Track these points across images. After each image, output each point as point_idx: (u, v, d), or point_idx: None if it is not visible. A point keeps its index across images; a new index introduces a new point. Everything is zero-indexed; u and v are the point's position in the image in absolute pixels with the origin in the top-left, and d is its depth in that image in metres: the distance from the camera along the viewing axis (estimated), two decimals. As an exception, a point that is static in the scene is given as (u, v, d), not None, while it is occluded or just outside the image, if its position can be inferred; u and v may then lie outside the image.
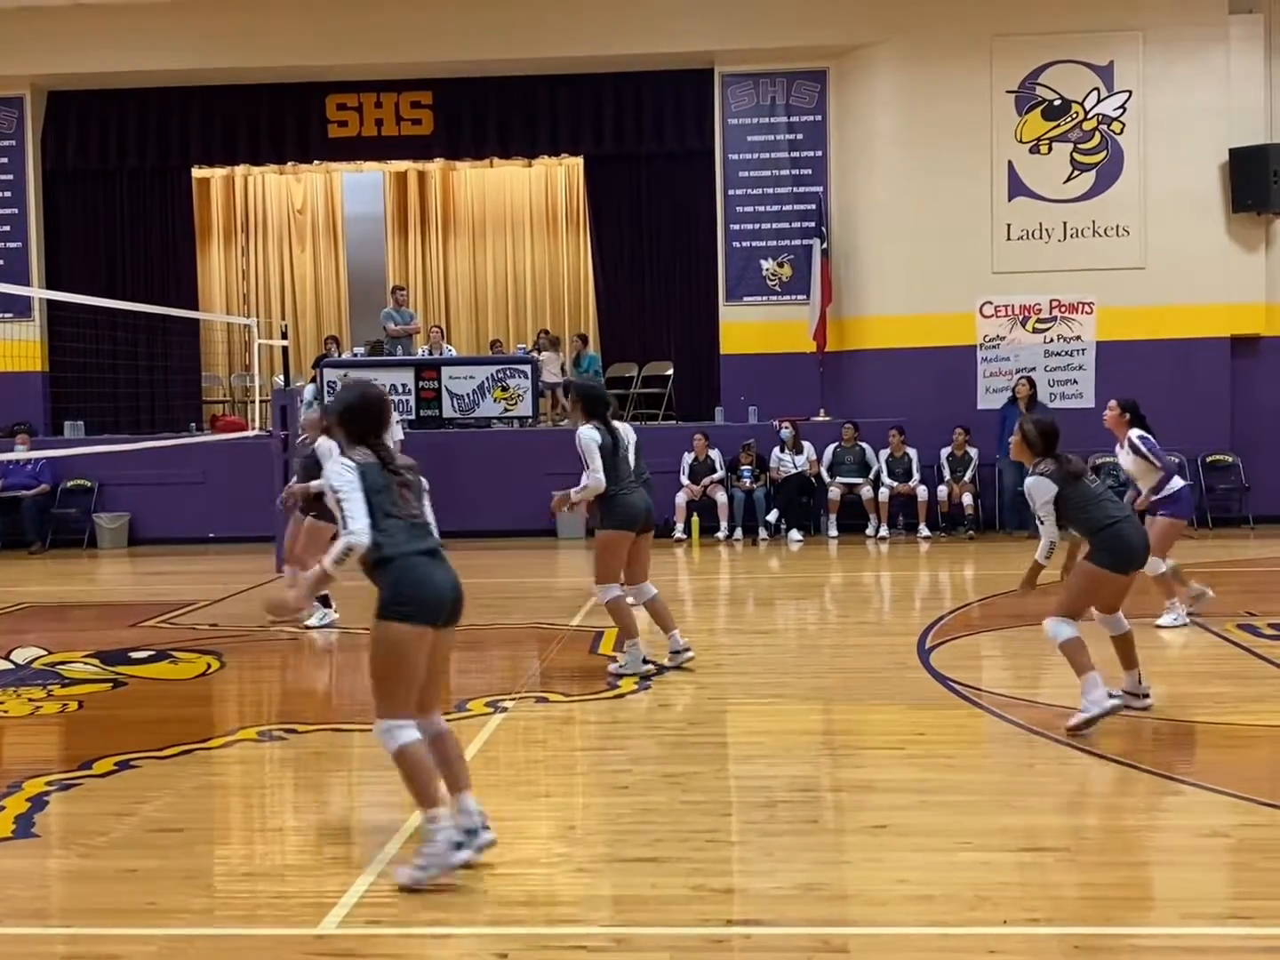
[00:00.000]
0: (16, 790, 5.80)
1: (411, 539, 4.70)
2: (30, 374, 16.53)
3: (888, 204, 15.91)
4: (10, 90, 16.80)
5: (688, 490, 15.20)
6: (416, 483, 4.87)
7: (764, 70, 16.28)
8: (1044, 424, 6.67)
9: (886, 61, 15.87)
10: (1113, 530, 6.45)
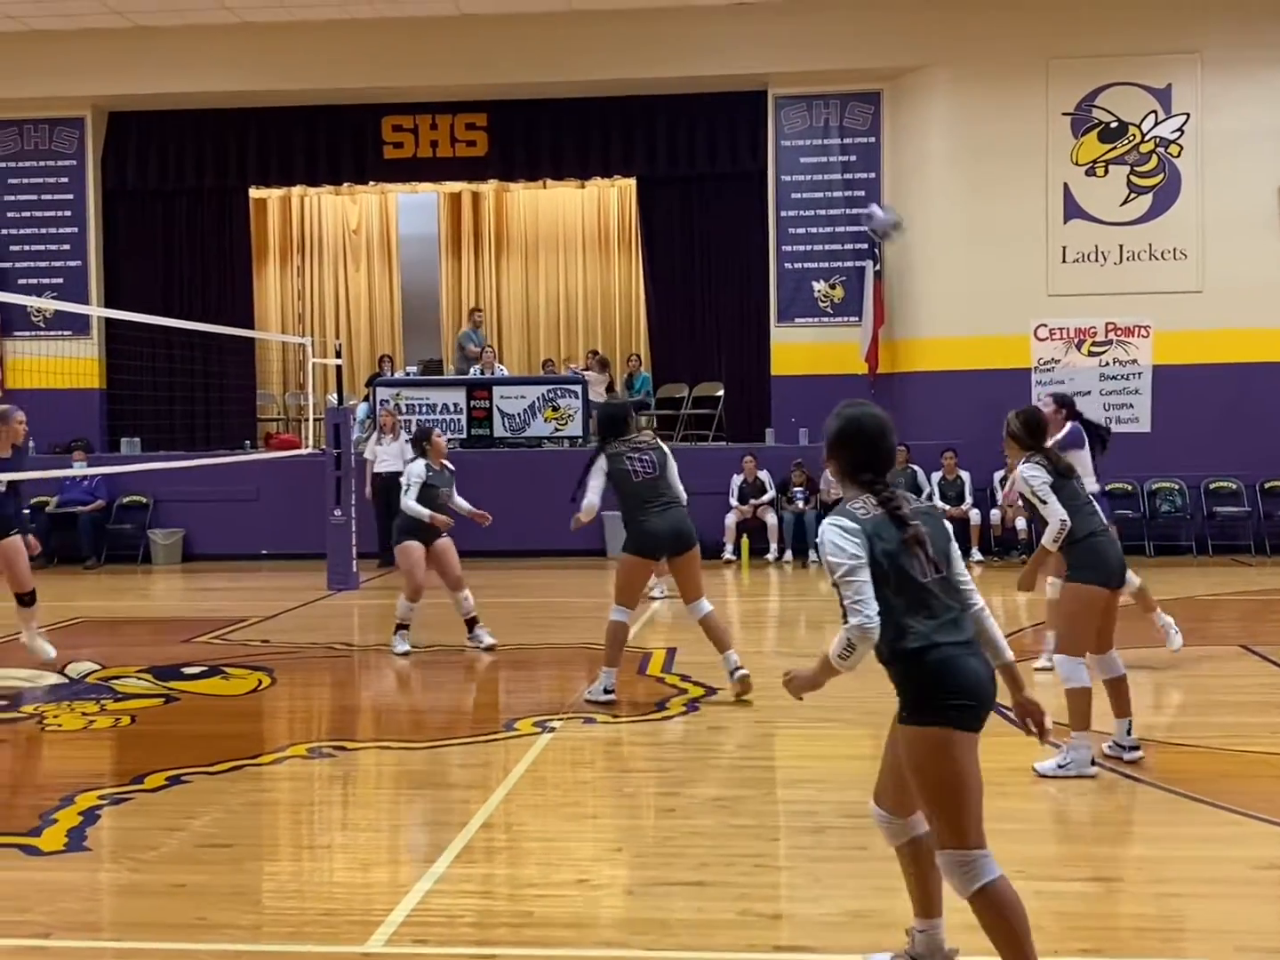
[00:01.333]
0: (69, 804, 5.84)
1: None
2: (89, 391, 16.75)
3: (942, 226, 15.85)
4: (71, 111, 17.07)
5: (737, 511, 15.17)
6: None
7: (817, 92, 16.28)
8: (1028, 414, 6.43)
9: (941, 83, 15.84)
10: (1090, 542, 6.17)
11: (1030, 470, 6.26)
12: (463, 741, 7.00)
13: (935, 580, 3.75)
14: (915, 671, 3.74)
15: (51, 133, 17.20)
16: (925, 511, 3.86)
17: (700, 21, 15.89)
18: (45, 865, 5.13)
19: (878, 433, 3.92)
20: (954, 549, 3.86)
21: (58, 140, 17.21)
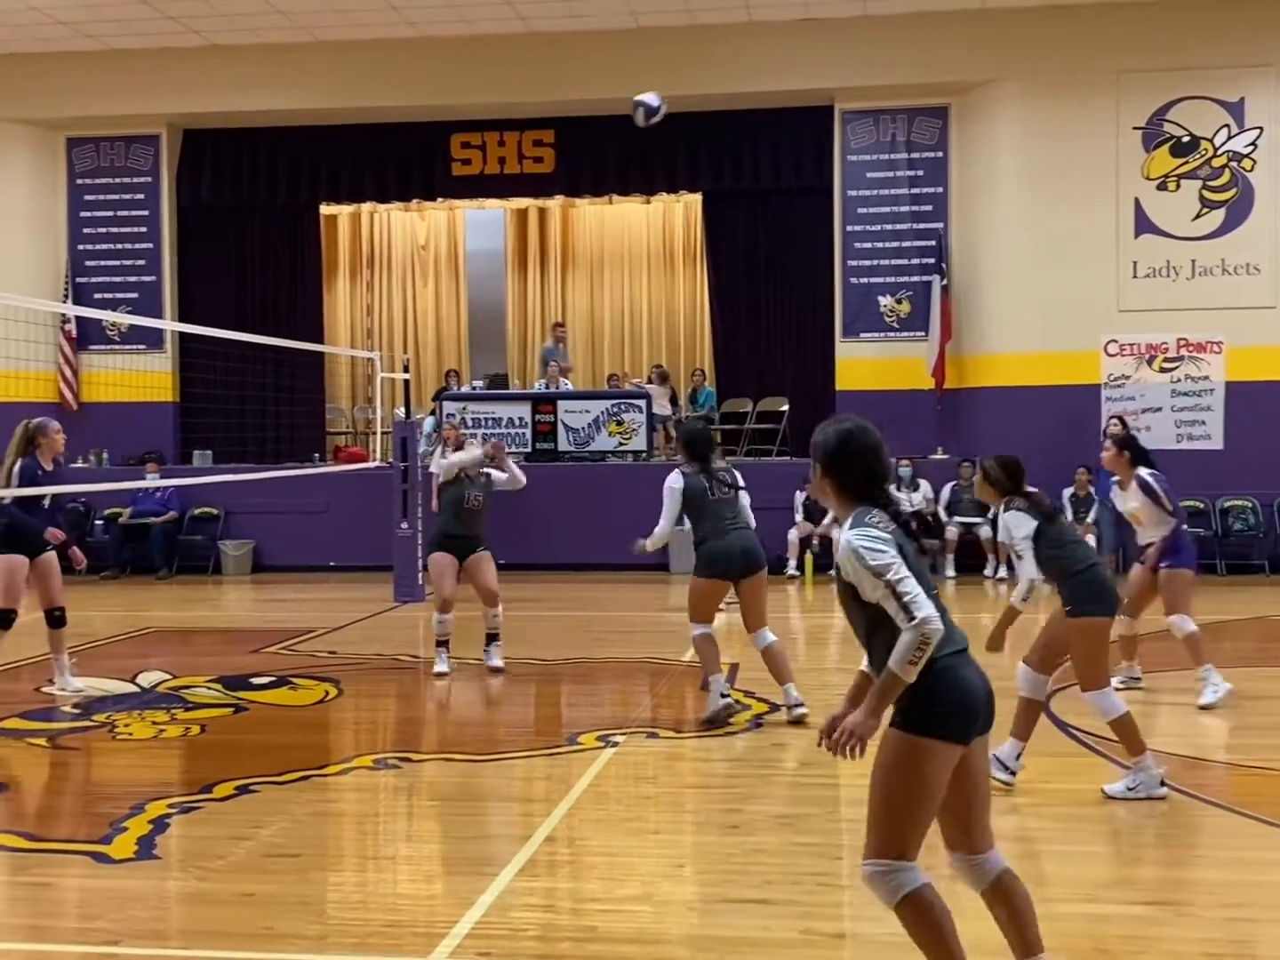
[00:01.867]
0: (139, 812, 5.93)
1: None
2: (162, 404, 17.03)
3: (1010, 241, 15.74)
4: (147, 128, 17.38)
5: (800, 527, 15.12)
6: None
7: (884, 107, 16.23)
8: (1006, 459, 6.32)
9: (1010, 98, 15.74)
10: (1091, 574, 6.10)
11: (1015, 519, 6.17)
12: (526, 755, 7.02)
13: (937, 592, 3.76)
14: (917, 678, 3.63)
15: (128, 150, 17.51)
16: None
17: (767, 37, 15.90)
18: (115, 873, 5.20)
19: (880, 443, 3.93)
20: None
21: (134, 157, 17.52)
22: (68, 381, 17.16)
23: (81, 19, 15.56)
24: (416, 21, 15.76)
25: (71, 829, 5.91)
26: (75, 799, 6.54)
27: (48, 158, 17.49)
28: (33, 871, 5.23)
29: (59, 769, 7.10)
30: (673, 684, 8.90)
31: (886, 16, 15.62)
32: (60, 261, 17.54)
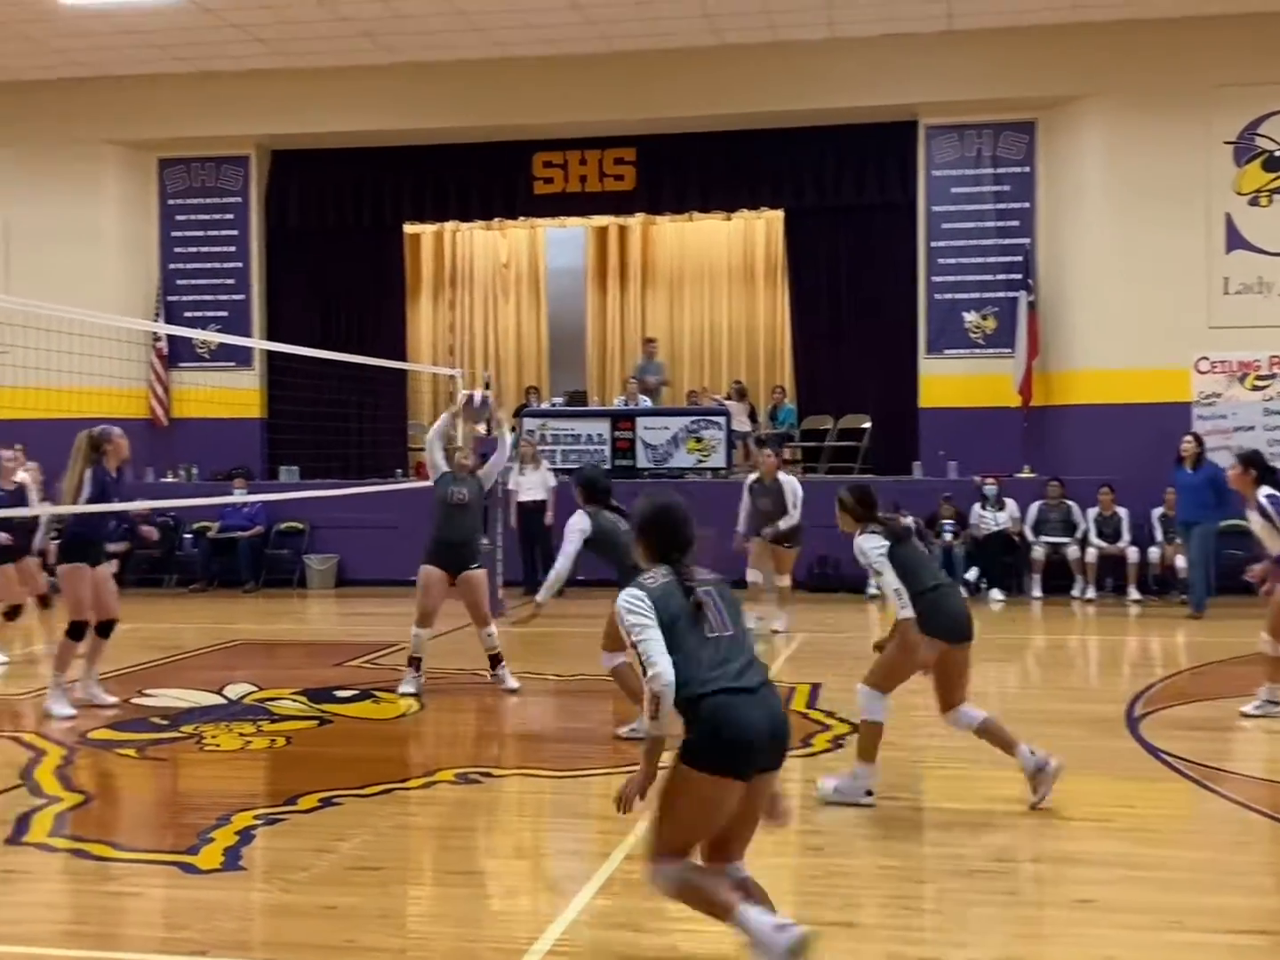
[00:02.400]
0: (226, 823, 5.99)
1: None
2: (250, 420, 17.28)
3: (1098, 256, 15.54)
4: (237, 150, 17.68)
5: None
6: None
7: (970, 122, 16.10)
8: (859, 489, 6.43)
9: (1098, 113, 15.55)
10: (933, 595, 6.19)
11: (869, 541, 6.28)
12: (606, 771, 7.00)
13: (725, 636, 4.21)
14: (694, 716, 4.09)
15: (218, 171, 17.83)
16: (714, 582, 4.37)
17: (850, 53, 15.85)
18: (202, 883, 5.26)
19: (683, 520, 4.41)
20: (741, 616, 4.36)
21: (223, 178, 17.83)
22: (159, 398, 17.48)
23: (172, 42, 15.88)
24: (501, 42, 15.89)
25: (159, 839, 5.98)
26: (163, 809, 6.62)
27: (140, 179, 17.84)
28: (122, 881, 5.30)
29: (147, 779, 7.20)
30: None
31: (971, 31, 15.51)
32: (152, 281, 17.88)
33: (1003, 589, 14.67)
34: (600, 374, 20.33)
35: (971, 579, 14.74)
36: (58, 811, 6.26)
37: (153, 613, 14.16)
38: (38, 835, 5.88)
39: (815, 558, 15.43)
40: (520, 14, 14.92)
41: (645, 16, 15.05)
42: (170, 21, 15.17)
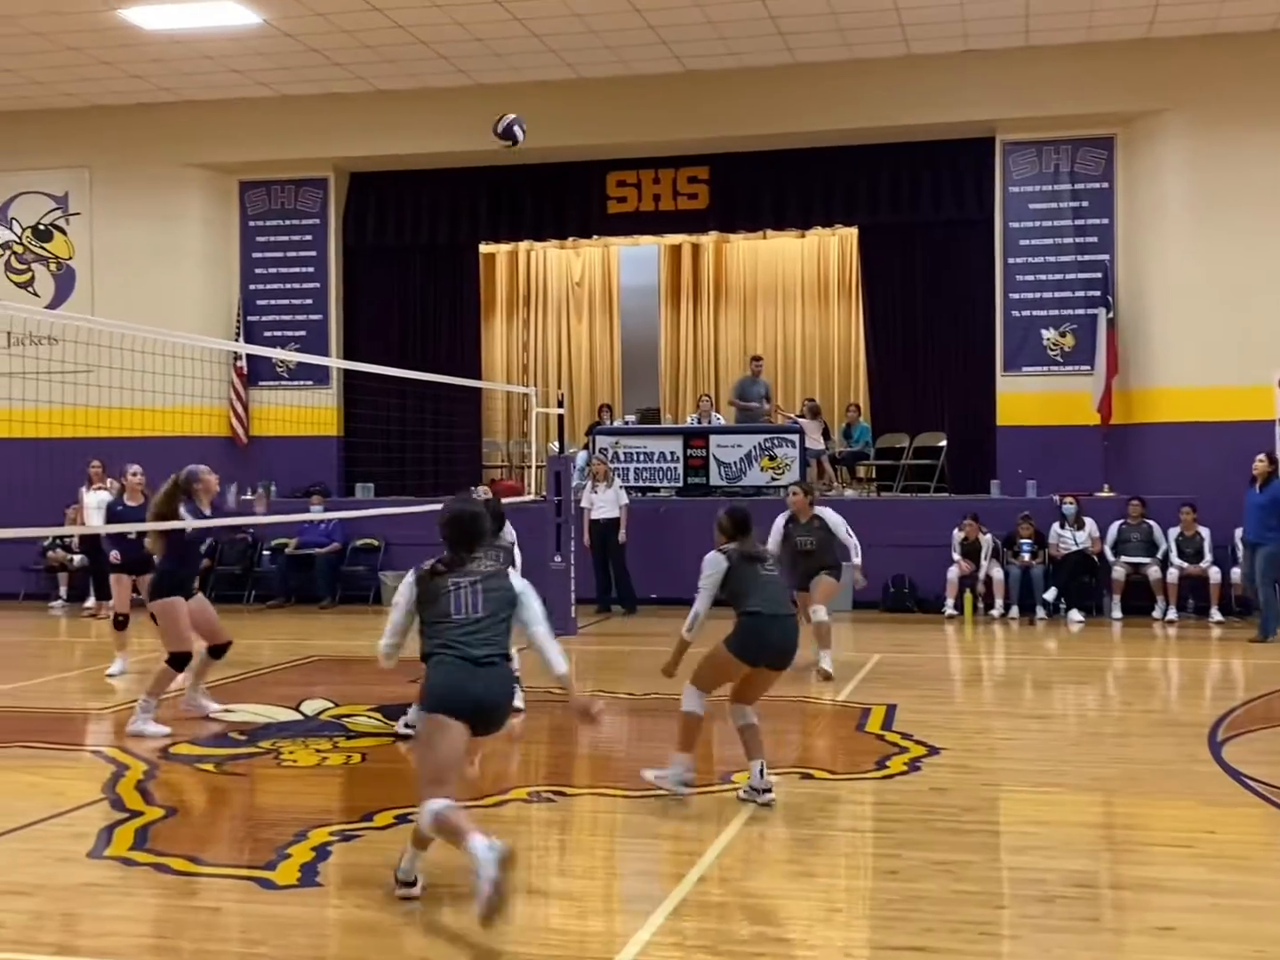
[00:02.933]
0: (303, 839, 6.04)
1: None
2: (327, 438, 17.48)
3: (1179, 272, 15.32)
4: (316, 172, 17.93)
5: (959, 565, 14.85)
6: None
7: (1048, 138, 15.95)
8: (735, 511, 6.87)
9: (1179, 127, 15.34)
10: (750, 620, 6.57)
11: (710, 558, 6.73)
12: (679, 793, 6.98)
13: (470, 617, 5.31)
14: (429, 670, 5.29)
15: (297, 193, 18.09)
16: (492, 574, 5.47)
17: (926, 69, 15.77)
18: (279, 899, 5.30)
19: (470, 522, 5.53)
20: (522, 601, 5.52)
21: (303, 200, 18.09)
22: (238, 416, 17.74)
23: (252, 67, 16.14)
24: (574, 63, 16.00)
25: (238, 854, 6.04)
26: (241, 824, 6.70)
27: (221, 200, 18.14)
28: (201, 895, 5.36)
29: (226, 794, 7.28)
30: (827, 724, 8.78)
31: (1049, 47, 15.38)
32: (232, 300, 18.17)
33: (1082, 610, 14.47)
34: (673, 392, 20.35)
35: (1050, 599, 14.55)
36: (139, 825, 6.35)
37: (231, 628, 14.22)
38: (120, 849, 5.97)
39: (891, 578, 15.34)
40: (594, 35, 15.01)
41: (718, 36, 15.08)
42: (250, 47, 15.43)
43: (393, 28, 14.76)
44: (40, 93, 17.05)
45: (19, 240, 18.34)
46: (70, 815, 6.64)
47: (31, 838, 6.21)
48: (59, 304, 17.99)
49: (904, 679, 10.66)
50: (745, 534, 6.77)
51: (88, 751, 8.22)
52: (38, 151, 17.96)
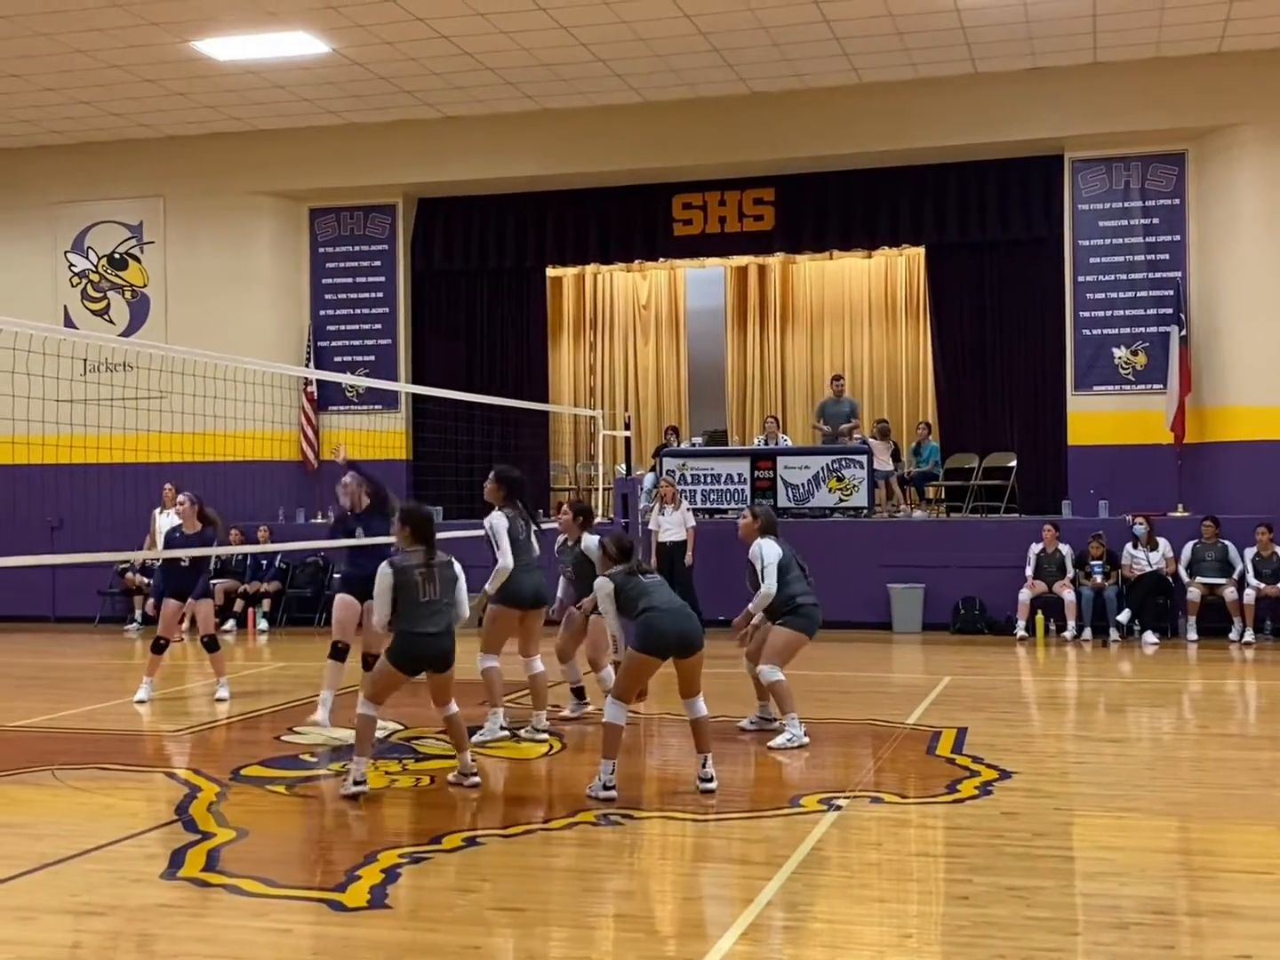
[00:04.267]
0: (373, 861, 6.07)
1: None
2: (396, 462, 17.61)
3: (1253, 289, 15.10)
4: (384, 198, 18.15)
5: (1033, 586, 14.69)
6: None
7: (1117, 154, 15.82)
8: (620, 539, 7.80)
9: (1251, 142, 15.15)
10: (644, 617, 7.34)
11: (598, 584, 7.61)
12: (748, 815, 6.95)
13: (433, 600, 7.53)
14: (398, 639, 7.39)
15: (366, 219, 18.31)
16: (445, 563, 7.69)
17: (993, 88, 15.70)
18: (349, 920, 5.33)
19: (425, 519, 7.76)
20: (459, 586, 7.80)
21: (371, 226, 18.30)
22: (309, 441, 17.94)
23: (322, 95, 16.38)
24: (639, 87, 16.08)
25: (308, 876, 6.09)
26: (312, 846, 6.74)
27: (292, 227, 18.41)
28: (272, 916, 5.40)
29: (296, 816, 7.34)
30: (897, 748, 8.70)
31: (1117, 63, 15.25)
32: (303, 326, 18.40)
33: (1156, 631, 14.26)
34: (740, 413, 20.32)
35: (1123, 620, 14.35)
36: (211, 847, 6.41)
37: (303, 651, 14.50)
38: (192, 870, 6.03)
39: (961, 599, 15.21)
40: (660, 59, 15.08)
41: (783, 58, 15.09)
42: (320, 76, 15.66)
43: (459, 54, 14.92)
44: (117, 124, 17.40)
45: (95, 269, 18.70)
46: (143, 837, 6.73)
47: (105, 859, 6.29)
48: (133, 331, 18.30)
49: (975, 702, 10.55)
50: (628, 558, 7.61)
51: (160, 773, 8.32)
52: (113, 181, 18.33)
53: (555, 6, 13.53)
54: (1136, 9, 13.80)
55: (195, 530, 10.93)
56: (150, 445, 12.36)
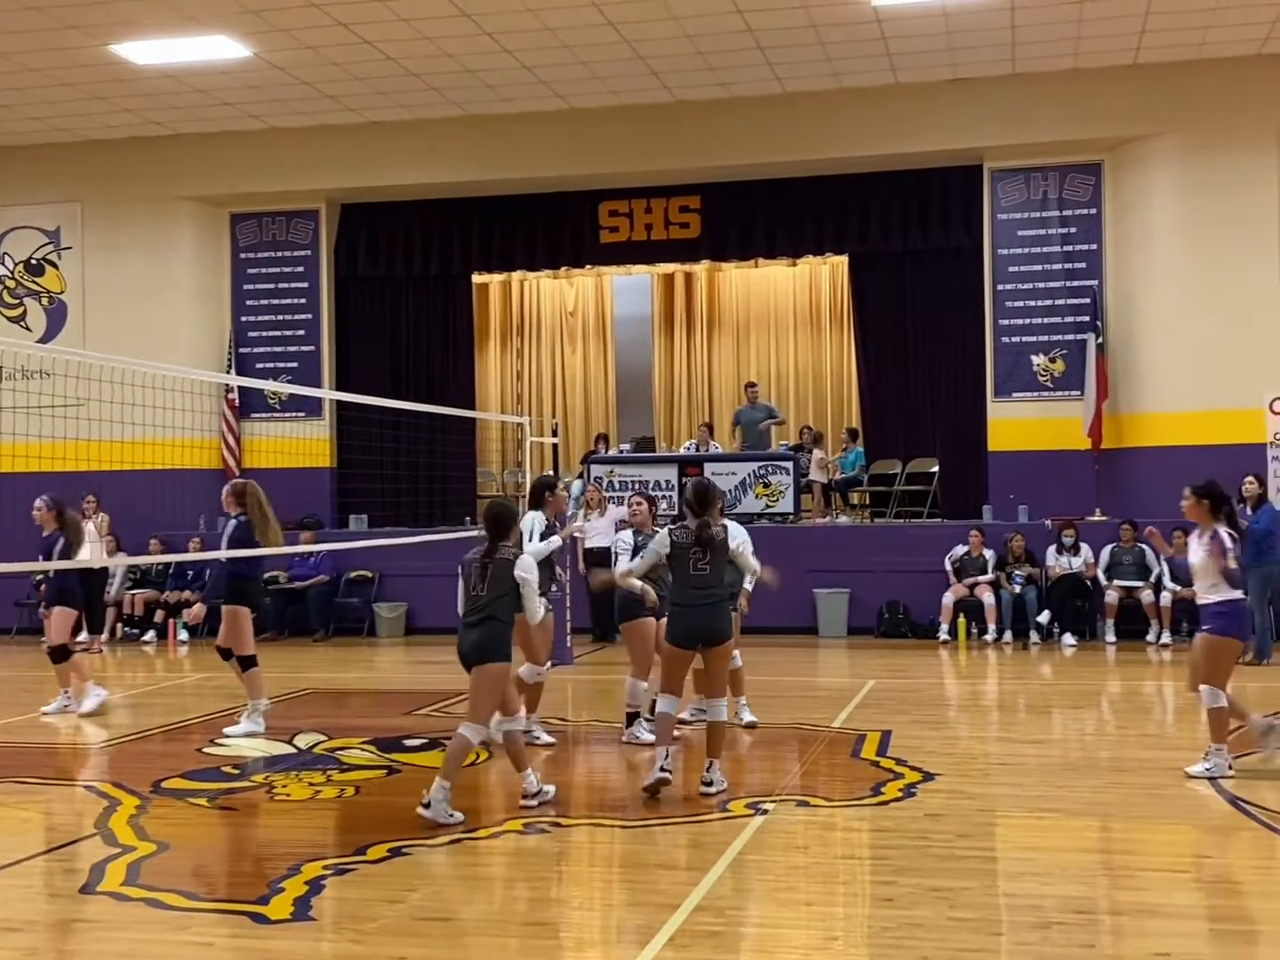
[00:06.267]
0: (296, 873, 6.01)
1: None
2: (320, 470, 17.47)
3: (1167, 297, 15.39)
4: (307, 204, 17.99)
5: (955, 589, 14.86)
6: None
7: (1036, 164, 16.05)
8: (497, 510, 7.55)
9: (1166, 153, 15.44)
10: (673, 610, 7.64)
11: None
12: (675, 821, 6.97)
13: (473, 594, 7.16)
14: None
15: (288, 225, 18.14)
16: (504, 562, 7.13)
17: (914, 98, 15.87)
18: (272, 933, 5.27)
19: (488, 513, 7.48)
20: (524, 588, 7.15)
21: (294, 231, 18.14)
22: (230, 448, 17.73)
23: (244, 100, 16.21)
24: (565, 94, 16.08)
25: (231, 889, 6.02)
26: (234, 859, 6.67)
27: (212, 233, 18.19)
28: (194, 930, 5.33)
29: (218, 829, 7.25)
30: (822, 751, 8.77)
31: (1036, 74, 15.48)
32: (224, 332, 18.19)
33: (1075, 634, 14.47)
34: (668, 420, 20.38)
35: (1043, 623, 14.56)
36: (131, 860, 6.31)
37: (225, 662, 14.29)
38: (111, 884, 5.93)
39: (885, 603, 15.36)
40: (585, 66, 15.09)
41: (708, 66, 15.17)
42: (241, 80, 15.50)
43: (383, 60, 14.84)
44: (34, 128, 17.11)
45: (11, 275, 18.37)
46: (61, 851, 6.62)
47: (23, 874, 6.18)
48: (51, 338, 18.00)
49: (898, 705, 10.65)
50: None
51: (80, 787, 8.18)
52: (30, 186, 18.02)
53: (480, 13, 13.50)
54: (1054, 21, 14.02)
55: (51, 532, 10.77)
56: (69, 453, 12.15)
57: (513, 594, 7.08)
